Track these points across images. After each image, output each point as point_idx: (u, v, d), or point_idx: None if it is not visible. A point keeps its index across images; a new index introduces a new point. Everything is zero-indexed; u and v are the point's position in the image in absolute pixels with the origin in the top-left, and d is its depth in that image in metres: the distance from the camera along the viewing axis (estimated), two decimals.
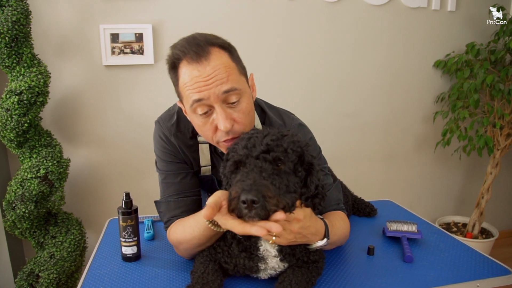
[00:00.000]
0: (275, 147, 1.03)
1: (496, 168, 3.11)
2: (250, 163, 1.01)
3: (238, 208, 0.95)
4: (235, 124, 1.18)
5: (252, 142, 1.04)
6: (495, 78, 2.77)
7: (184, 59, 1.15)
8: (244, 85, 1.20)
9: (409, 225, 1.59)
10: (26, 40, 2.23)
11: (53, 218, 2.46)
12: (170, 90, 2.62)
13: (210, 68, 1.12)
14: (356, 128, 3.17)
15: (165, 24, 2.61)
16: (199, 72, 1.12)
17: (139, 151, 2.74)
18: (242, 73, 1.21)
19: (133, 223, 1.39)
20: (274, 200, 0.94)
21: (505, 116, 2.91)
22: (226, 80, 1.13)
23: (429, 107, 3.29)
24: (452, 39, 3.18)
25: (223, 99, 1.14)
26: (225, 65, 1.14)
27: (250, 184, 0.94)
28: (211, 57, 1.13)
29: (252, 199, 0.91)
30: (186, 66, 1.14)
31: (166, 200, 1.39)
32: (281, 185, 1.00)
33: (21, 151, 2.33)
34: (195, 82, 1.12)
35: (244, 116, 1.19)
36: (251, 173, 0.98)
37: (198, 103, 1.14)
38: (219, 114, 1.14)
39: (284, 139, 1.06)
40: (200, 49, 1.13)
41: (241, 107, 1.18)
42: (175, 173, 1.39)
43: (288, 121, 1.43)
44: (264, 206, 0.93)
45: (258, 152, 1.02)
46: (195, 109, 1.16)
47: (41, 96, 2.23)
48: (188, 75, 1.14)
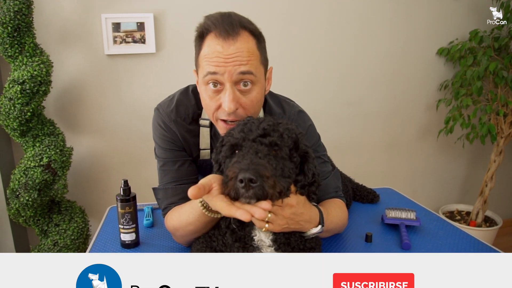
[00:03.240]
0: (271, 132, 1.03)
1: (499, 156, 3.10)
2: (247, 146, 1.01)
3: (235, 188, 0.94)
4: (240, 108, 1.19)
5: (249, 127, 1.05)
6: (498, 65, 2.75)
7: (213, 31, 1.17)
8: (261, 75, 1.22)
9: (408, 212, 1.59)
10: (28, 30, 2.24)
11: (57, 206, 2.49)
12: (172, 79, 2.65)
13: (234, 48, 1.14)
14: (359, 117, 3.16)
15: (167, 13, 2.61)
16: (222, 48, 1.14)
17: (140, 140, 2.75)
18: (262, 63, 1.23)
19: (131, 210, 1.41)
20: (271, 181, 0.93)
21: (508, 103, 2.89)
22: (245, 63, 1.15)
23: (432, 95, 3.27)
24: (455, 26, 3.15)
25: (236, 80, 1.16)
26: (249, 50, 1.16)
27: (247, 164, 0.93)
28: (239, 38, 1.15)
29: (250, 178, 0.90)
30: (213, 39, 1.16)
31: (164, 187, 1.39)
32: (277, 168, 1.00)
33: (24, 140, 2.35)
34: (215, 56, 1.15)
35: (251, 104, 1.20)
36: (247, 154, 0.98)
37: (211, 76, 1.16)
38: (227, 94, 1.16)
39: (280, 125, 1.07)
40: (231, 27, 1.15)
41: (250, 95, 1.20)
42: (173, 160, 1.40)
43: (288, 108, 1.43)
44: (262, 186, 0.92)
45: (255, 136, 1.02)
46: (207, 81, 1.18)
47: (44, 86, 2.25)
48: (211, 48, 1.16)
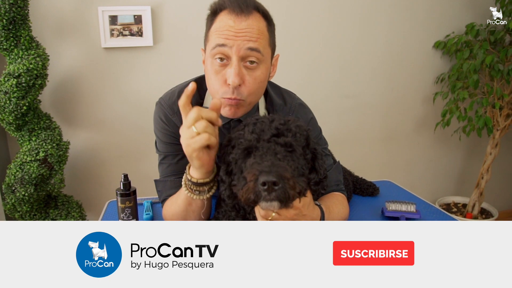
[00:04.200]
0: (285, 131, 1.03)
1: (495, 149, 3.11)
2: (263, 147, 1.00)
3: (256, 191, 0.92)
4: (243, 86, 1.19)
5: (260, 127, 1.03)
6: (494, 59, 2.76)
7: (227, 9, 1.18)
8: (268, 56, 1.24)
9: (408, 205, 1.59)
10: (24, 22, 2.22)
11: (53, 201, 2.47)
12: (169, 72, 2.64)
13: (245, 24, 1.16)
14: (357, 110, 3.17)
15: (164, 6, 2.59)
16: (234, 23, 1.16)
17: (138, 134, 2.74)
18: (270, 46, 1.25)
19: (131, 204, 1.40)
20: (291, 182, 0.93)
21: (504, 96, 2.90)
22: (255, 39, 1.16)
23: (429, 88, 3.28)
24: (451, 19, 3.16)
25: (243, 56, 1.17)
26: (260, 29, 1.18)
27: (269, 166, 0.92)
28: (251, 16, 1.17)
29: (273, 181, 0.90)
30: (225, 14, 1.18)
31: (164, 179, 1.40)
32: (294, 168, 1.00)
33: (20, 134, 2.33)
34: (226, 29, 1.16)
35: (254, 83, 1.20)
36: (266, 156, 0.97)
37: (220, 48, 1.17)
38: (233, 67, 1.16)
39: (290, 123, 1.06)
40: (245, 6, 1.17)
41: (255, 73, 1.20)
42: (174, 154, 1.40)
43: (289, 100, 1.43)
44: (284, 188, 0.91)
45: (269, 136, 1.01)
46: (215, 54, 1.18)
47: (40, 79, 2.23)
48: (223, 23, 1.17)
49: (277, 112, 1.40)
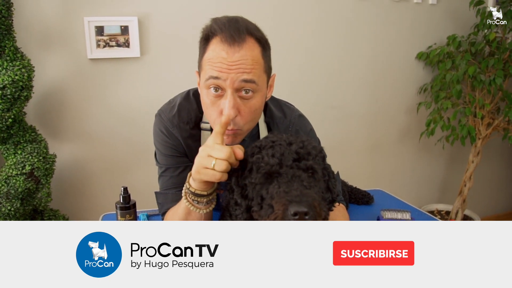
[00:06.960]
0: (305, 155, 1.02)
1: (477, 157, 3.19)
2: (287, 173, 0.98)
3: (285, 220, 0.92)
4: (239, 116, 1.18)
5: (279, 151, 1.01)
6: (476, 69, 2.83)
7: (218, 36, 1.15)
8: (263, 84, 1.21)
9: (403, 213, 1.62)
10: (8, 32, 2.17)
11: (39, 215, 2.41)
12: (156, 84, 2.62)
13: (238, 56, 1.12)
14: (342, 120, 3.20)
15: (151, 17, 2.57)
16: (227, 54, 1.13)
17: (126, 146, 2.70)
18: (266, 72, 1.23)
19: (131, 218, 1.38)
20: (318, 210, 0.93)
21: (485, 106, 2.97)
22: (248, 71, 1.14)
23: (412, 98, 3.34)
24: (433, 31, 3.24)
25: (237, 88, 1.15)
26: (254, 58, 1.15)
27: (298, 195, 0.92)
28: (244, 45, 1.14)
29: (304, 211, 0.90)
30: (217, 43, 1.15)
31: (165, 192, 1.39)
32: (318, 192, 1.00)
33: (5, 147, 2.27)
34: (219, 61, 1.13)
35: (250, 112, 1.20)
36: (292, 183, 0.96)
37: (213, 80, 1.15)
38: (228, 100, 1.15)
39: (307, 146, 1.04)
40: (237, 34, 1.13)
41: (251, 102, 1.19)
42: (175, 167, 1.39)
43: (288, 112, 1.44)
44: (314, 217, 0.91)
45: (291, 161, 1.00)
46: (209, 85, 1.17)
47: (25, 91, 2.17)
48: (216, 53, 1.14)
49: (277, 125, 1.41)
